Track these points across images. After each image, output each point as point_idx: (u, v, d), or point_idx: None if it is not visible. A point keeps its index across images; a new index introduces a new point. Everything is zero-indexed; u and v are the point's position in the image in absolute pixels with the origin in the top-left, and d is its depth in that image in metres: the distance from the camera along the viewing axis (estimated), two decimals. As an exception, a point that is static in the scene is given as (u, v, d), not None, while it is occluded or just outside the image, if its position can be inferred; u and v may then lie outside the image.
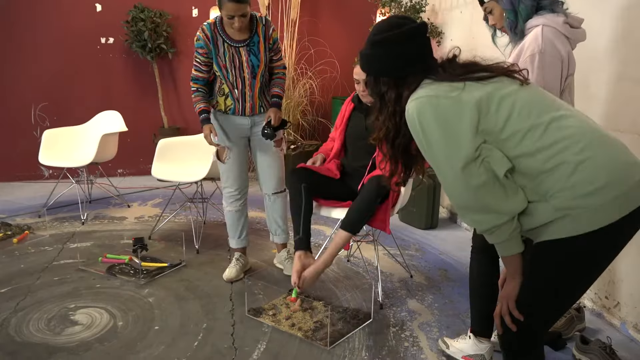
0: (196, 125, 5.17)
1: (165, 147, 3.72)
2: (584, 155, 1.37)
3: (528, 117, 1.42)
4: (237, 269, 3.02)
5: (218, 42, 2.74)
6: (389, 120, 1.58)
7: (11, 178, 5.13)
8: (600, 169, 1.37)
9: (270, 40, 2.81)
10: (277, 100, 2.87)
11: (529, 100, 1.45)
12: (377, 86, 1.59)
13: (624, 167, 1.40)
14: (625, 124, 2.46)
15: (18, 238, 3.55)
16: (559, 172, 1.38)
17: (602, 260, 1.48)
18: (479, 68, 1.52)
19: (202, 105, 2.83)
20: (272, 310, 2.64)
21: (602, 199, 1.35)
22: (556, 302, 1.50)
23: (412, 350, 2.36)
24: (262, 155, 2.96)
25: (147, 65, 5.20)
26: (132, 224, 3.98)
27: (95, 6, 5.03)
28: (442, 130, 1.43)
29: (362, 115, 2.87)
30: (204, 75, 2.84)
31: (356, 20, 5.39)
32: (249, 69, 2.77)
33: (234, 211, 3.03)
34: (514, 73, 1.51)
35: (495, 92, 1.45)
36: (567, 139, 1.39)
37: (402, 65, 1.54)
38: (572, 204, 1.37)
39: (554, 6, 2.03)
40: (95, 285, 2.92)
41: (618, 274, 2.55)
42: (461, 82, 1.47)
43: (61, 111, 5.10)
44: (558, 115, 1.43)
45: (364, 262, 3.28)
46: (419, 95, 1.48)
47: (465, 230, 3.96)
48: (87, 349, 2.31)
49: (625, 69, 2.46)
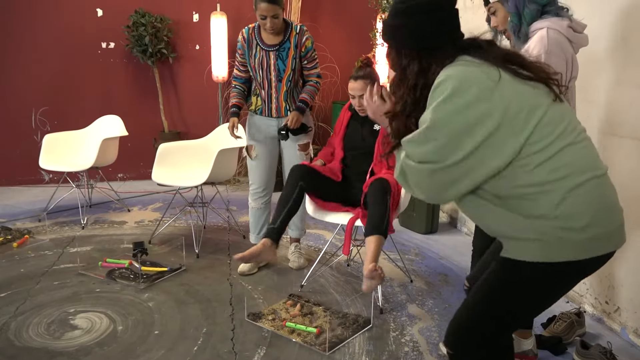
0: (196, 130, 5.22)
1: (166, 151, 3.72)
2: (580, 189, 1.34)
3: (549, 134, 1.35)
4: (251, 264, 3.13)
5: (252, 44, 2.98)
6: (407, 95, 1.49)
7: (11, 182, 5.13)
8: (589, 206, 1.34)
9: (303, 48, 2.97)
10: (301, 105, 2.99)
11: (556, 118, 1.38)
12: (399, 58, 1.51)
13: (610, 210, 1.38)
14: (625, 129, 2.46)
15: (18, 242, 3.54)
16: (551, 196, 1.33)
17: (556, 291, 1.46)
18: (521, 62, 1.43)
19: (234, 100, 3.05)
20: (272, 315, 2.64)
21: (580, 236, 1.33)
22: (503, 315, 1.49)
23: (412, 355, 2.36)
24: (286, 156, 3.15)
25: (147, 69, 5.21)
26: (132, 228, 3.98)
27: (96, 11, 5.04)
28: (457, 117, 1.34)
29: (359, 124, 2.93)
30: (242, 74, 3.08)
31: (357, 25, 5.40)
32: (275, 72, 2.96)
33: (257, 208, 3.23)
34: (553, 84, 1.43)
35: (526, 96, 1.37)
36: (572, 167, 1.35)
37: (428, 36, 1.45)
38: (549, 232, 1.34)
39: (558, 11, 2.04)
40: (95, 290, 2.92)
41: (618, 279, 2.54)
42: (497, 70, 1.37)
43: (62, 115, 5.10)
44: (574, 141, 1.38)
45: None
46: (453, 73, 1.38)
47: (465, 235, 3.96)
48: (87, 354, 2.31)
49: (625, 73, 2.47)
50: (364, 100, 1.68)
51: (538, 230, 1.35)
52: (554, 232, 1.33)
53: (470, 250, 2.40)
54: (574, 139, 1.39)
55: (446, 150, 1.36)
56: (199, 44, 5.30)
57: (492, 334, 1.51)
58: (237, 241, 3.70)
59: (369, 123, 2.88)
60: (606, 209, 1.37)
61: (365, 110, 2.80)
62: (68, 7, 4.95)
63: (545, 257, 1.36)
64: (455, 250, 3.63)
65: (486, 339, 1.51)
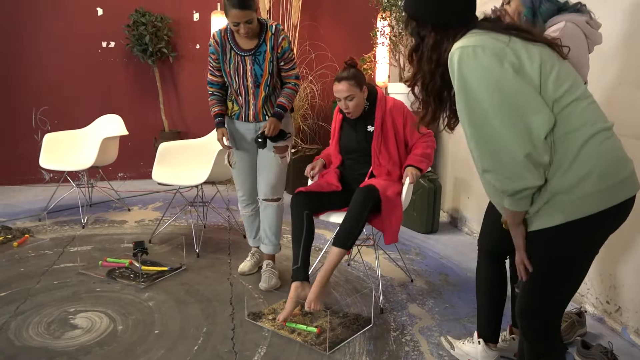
0: (197, 129, 5.22)
1: (166, 150, 3.72)
2: (594, 139, 1.41)
3: (559, 87, 1.43)
4: (251, 263, 3.13)
5: (226, 49, 2.76)
6: (424, 65, 1.58)
7: (12, 181, 5.13)
8: (603, 156, 1.41)
9: (279, 50, 2.75)
10: (278, 111, 2.80)
11: (565, 73, 1.47)
12: (417, 28, 1.58)
13: (617, 162, 1.44)
14: (626, 129, 2.45)
15: (18, 242, 3.54)
16: (567, 146, 1.40)
17: (588, 248, 1.52)
18: (524, 29, 1.52)
19: (216, 109, 2.87)
20: (272, 314, 2.64)
21: (593, 187, 1.40)
22: (558, 287, 1.55)
23: (412, 355, 2.35)
24: (261, 160, 2.93)
25: (148, 69, 5.21)
26: (133, 227, 3.98)
27: (96, 10, 5.05)
28: (485, 84, 1.41)
29: (351, 127, 2.86)
30: (217, 79, 2.88)
31: (357, 25, 5.40)
32: (252, 78, 2.76)
33: (247, 215, 3.12)
34: (555, 46, 1.52)
35: (537, 53, 1.45)
36: (584, 119, 1.42)
37: (446, 13, 1.53)
38: (562, 188, 1.41)
39: (578, 6, 2.05)
40: (95, 289, 2.91)
41: (619, 278, 2.54)
42: (506, 35, 1.46)
43: (62, 115, 5.11)
44: (583, 96, 1.46)
45: (364, 267, 3.28)
46: (464, 44, 1.45)
47: (466, 235, 3.96)
48: (87, 353, 2.31)
49: (626, 74, 2.46)
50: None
51: (555, 191, 1.42)
52: (570, 189, 1.40)
53: (471, 250, 2.39)
54: (582, 94, 1.46)
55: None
56: (199, 43, 5.30)
57: (555, 313, 1.60)
58: (237, 241, 3.69)
59: (361, 124, 2.81)
60: (618, 159, 1.44)
61: (353, 113, 2.81)
62: (68, 7, 4.95)
63: (570, 217, 1.42)
64: (456, 250, 3.62)
65: (550, 321, 1.60)
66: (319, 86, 5.36)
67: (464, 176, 4.07)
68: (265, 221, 3.00)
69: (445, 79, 1.54)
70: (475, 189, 3.87)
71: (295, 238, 2.65)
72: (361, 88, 2.73)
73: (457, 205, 4.20)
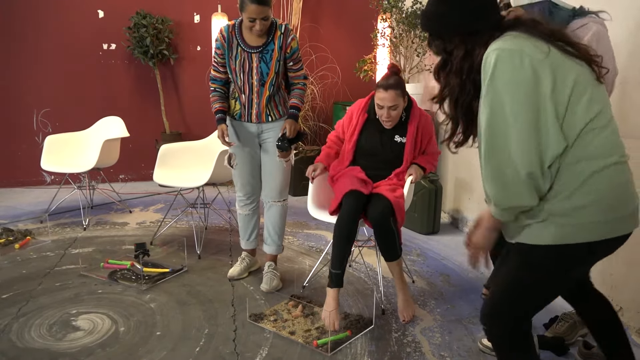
0: (198, 131, 5.22)
1: (167, 152, 3.73)
2: (605, 172, 1.38)
3: (587, 112, 1.39)
4: (240, 268, 3.08)
5: (233, 44, 2.74)
6: (453, 78, 1.51)
7: (13, 184, 5.14)
8: (608, 190, 1.38)
9: (288, 50, 2.74)
10: (294, 112, 2.80)
11: (597, 97, 1.42)
12: (442, 44, 1.52)
13: (623, 197, 1.42)
14: (627, 129, 2.46)
15: (20, 244, 3.55)
16: (574, 174, 1.38)
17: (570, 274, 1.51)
18: (567, 40, 1.45)
19: (217, 105, 2.83)
20: (274, 315, 2.64)
21: (592, 217, 1.37)
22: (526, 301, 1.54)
23: (414, 355, 2.36)
24: (265, 162, 2.93)
25: (149, 71, 5.22)
26: (134, 229, 3.98)
27: (97, 12, 5.05)
28: (513, 91, 1.36)
29: (377, 130, 2.78)
30: (221, 75, 2.85)
31: (357, 26, 5.41)
32: (258, 76, 2.74)
33: (244, 215, 3.09)
34: (595, 65, 1.45)
35: (573, 72, 1.39)
36: (601, 150, 1.39)
37: (471, 20, 1.47)
38: (564, 213, 1.39)
39: (592, 12, 2.10)
40: (97, 291, 2.92)
41: (620, 279, 2.54)
42: (546, 44, 1.40)
43: (63, 117, 5.11)
44: (608, 124, 1.42)
45: (365, 268, 3.28)
46: (502, 46, 1.39)
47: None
48: (89, 355, 2.31)
49: (627, 73, 2.46)
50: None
51: (552, 213, 1.39)
52: (569, 214, 1.38)
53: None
54: (607, 122, 1.42)
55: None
56: (200, 45, 5.31)
57: (517, 320, 1.57)
58: (238, 242, 3.67)
59: (389, 132, 2.75)
60: (624, 194, 1.42)
61: (392, 123, 2.77)
62: (69, 9, 4.96)
63: (559, 240, 1.39)
64: (457, 250, 3.62)
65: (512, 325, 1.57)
66: (319, 87, 5.36)
67: (465, 177, 4.07)
68: (269, 221, 3.00)
69: (477, 87, 1.47)
70: (476, 189, 3.87)
71: (342, 240, 2.55)
72: (404, 97, 2.70)
73: (458, 206, 4.20)
